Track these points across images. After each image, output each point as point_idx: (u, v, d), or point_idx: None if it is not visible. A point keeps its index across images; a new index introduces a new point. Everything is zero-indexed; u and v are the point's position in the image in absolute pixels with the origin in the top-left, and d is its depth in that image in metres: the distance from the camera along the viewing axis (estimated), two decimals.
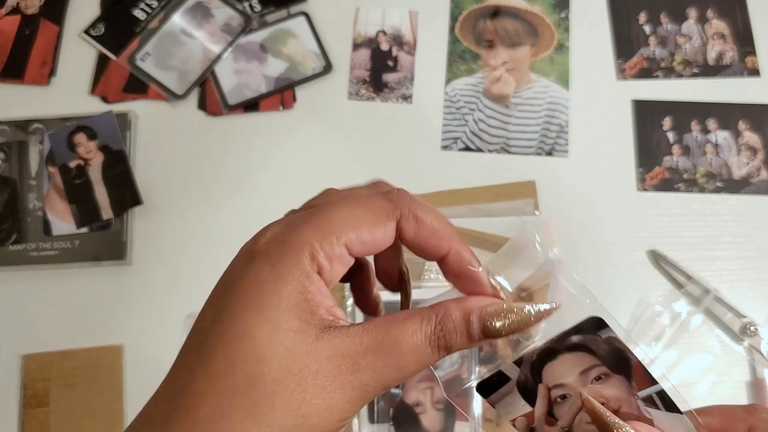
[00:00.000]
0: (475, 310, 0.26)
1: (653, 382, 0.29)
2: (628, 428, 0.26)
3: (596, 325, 0.30)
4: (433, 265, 0.64)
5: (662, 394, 0.29)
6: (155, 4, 0.76)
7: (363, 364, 0.24)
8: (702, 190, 0.69)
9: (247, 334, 0.23)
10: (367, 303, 0.32)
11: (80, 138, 0.70)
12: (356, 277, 0.32)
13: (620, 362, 0.29)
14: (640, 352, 0.30)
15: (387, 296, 0.34)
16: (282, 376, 0.23)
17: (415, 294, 0.66)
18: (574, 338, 0.30)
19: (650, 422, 0.28)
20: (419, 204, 0.27)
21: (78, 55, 0.75)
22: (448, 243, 0.28)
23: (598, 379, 0.29)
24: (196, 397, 0.23)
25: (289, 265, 0.24)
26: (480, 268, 0.28)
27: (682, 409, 0.28)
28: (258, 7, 0.76)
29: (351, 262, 0.26)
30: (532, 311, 0.27)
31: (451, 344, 0.26)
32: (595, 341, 0.30)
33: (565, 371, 0.29)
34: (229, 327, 0.24)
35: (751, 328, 0.62)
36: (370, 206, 0.26)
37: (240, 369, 0.23)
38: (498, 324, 0.26)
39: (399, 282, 0.32)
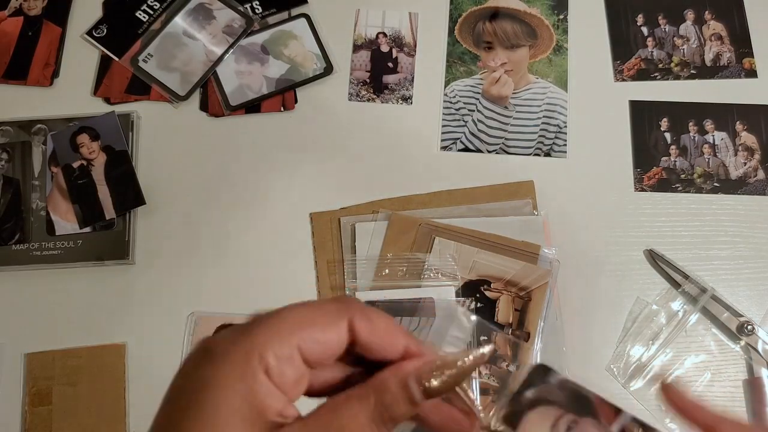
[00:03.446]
0: (410, 373, 0.26)
1: (618, 411, 0.29)
2: None
3: (543, 372, 0.30)
4: (433, 264, 0.64)
5: (636, 421, 0.29)
6: (157, 5, 0.76)
7: None
8: (699, 190, 0.69)
9: None
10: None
11: (83, 138, 0.71)
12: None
13: (582, 404, 0.29)
14: (593, 388, 0.30)
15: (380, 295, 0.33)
16: None
17: (416, 293, 0.67)
18: (529, 394, 0.29)
19: None
20: (370, 307, 0.27)
21: (81, 56, 0.75)
22: (404, 339, 0.27)
23: (568, 429, 0.29)
24: None
25: (238, 369, 0.24)
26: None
27: (660, 429, 0.28)
28: (259, 9, 0.77)
29: (303, 368, 0.25)
30: (467, 360, 0.26)
31: (396, 415, 0.25)
32: (550, 390, 0.29)
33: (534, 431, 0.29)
34: None
35: (748, 327, 0.62)
36: (323, 308, 0.26)
37: None
38: (435, 382, 0.26)
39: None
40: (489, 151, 0.71)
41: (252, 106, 0.73)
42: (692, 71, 0.74)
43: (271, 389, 0.24)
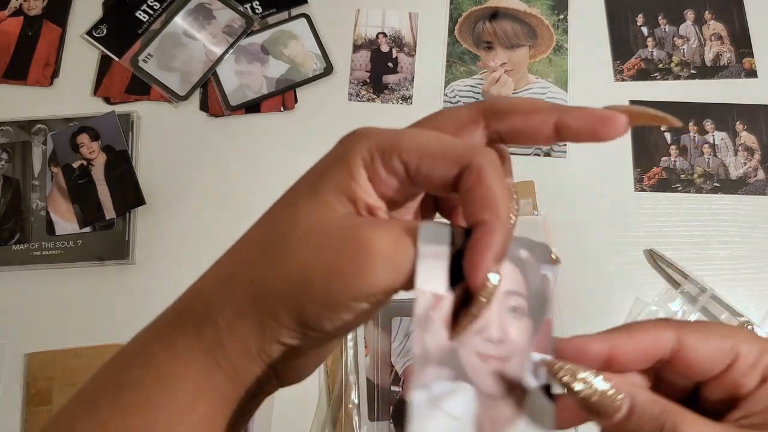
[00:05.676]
0: None
1: (547, 351, 0.26)
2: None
3: (545, 252, 0.29)
4: None
5: (541, 365, 0.26)
6: (157, 5, 0.76)
7: None
8: (699, 190, 0.69)
9: (290, 201, 0.29)
10: None
11: (83, 138, 0.71)
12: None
13: (539, 307, 0.27)
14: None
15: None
16: (304, 238, 0.26)
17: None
18: (522, 252, 0.29)
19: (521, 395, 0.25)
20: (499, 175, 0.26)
21: (81, 56, 0.75)
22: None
23: (513, 310, 0.27)
24: (232, 250, 0.30)
25: (346, 162, 0.28)
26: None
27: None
28: (259, 9, 0.77)
29: (404, 184, 0.27)
30: None
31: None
32: (533, 267, 0.28)
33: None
34: (284, 196, 0.30)
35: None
36: (448, 145, 0.27)
37: (272, 228, 0.29)
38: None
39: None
40: None
41: (252, 106, 0.73)
42: (692, 71, 0.74)
43: (368, 188, 0.27)
